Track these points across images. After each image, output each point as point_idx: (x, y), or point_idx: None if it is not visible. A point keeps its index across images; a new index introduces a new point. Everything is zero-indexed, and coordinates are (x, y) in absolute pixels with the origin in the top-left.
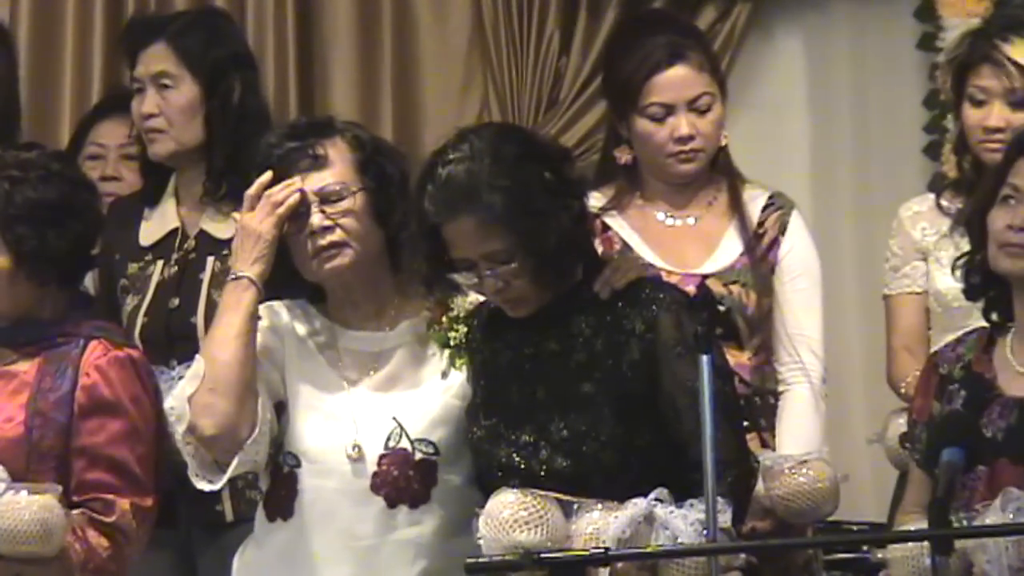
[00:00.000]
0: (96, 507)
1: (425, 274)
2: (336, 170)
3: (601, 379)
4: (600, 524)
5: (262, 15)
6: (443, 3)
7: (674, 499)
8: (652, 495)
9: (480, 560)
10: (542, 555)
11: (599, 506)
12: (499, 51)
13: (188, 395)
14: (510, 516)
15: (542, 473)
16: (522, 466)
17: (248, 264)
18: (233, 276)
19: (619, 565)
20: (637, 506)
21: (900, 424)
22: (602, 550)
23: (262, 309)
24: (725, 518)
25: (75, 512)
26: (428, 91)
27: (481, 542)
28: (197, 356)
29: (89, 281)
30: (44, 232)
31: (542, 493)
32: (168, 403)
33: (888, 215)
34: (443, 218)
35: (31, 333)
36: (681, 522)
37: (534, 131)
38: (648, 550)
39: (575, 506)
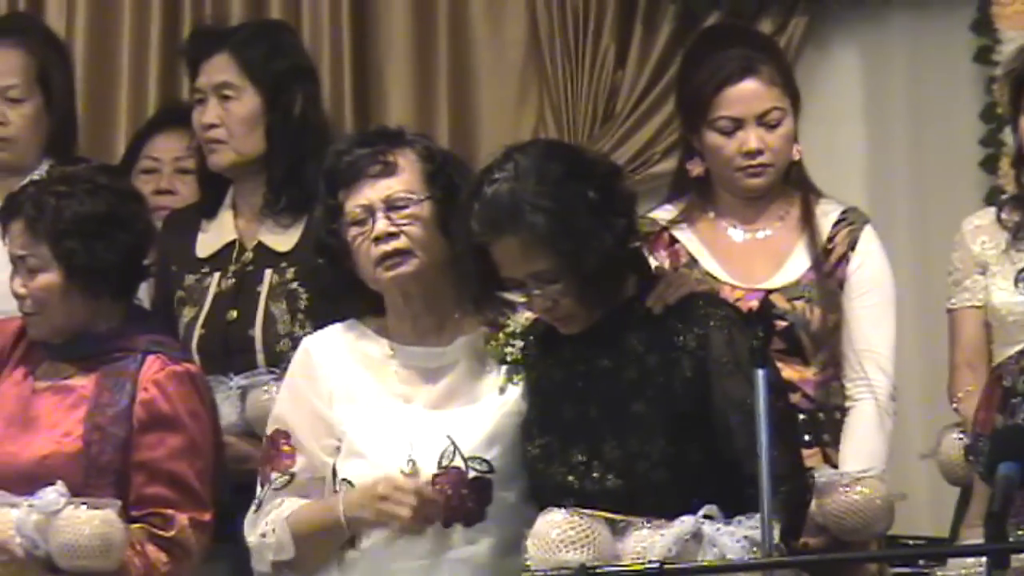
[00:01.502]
0: (155, 522)
1: (474, 293)
2: (404, 178)
3: (653, 397)
4: (647, 542)
5: (318, 28)
6: (499, 17)
7: (726, 516)
8: (701, 512)
9: (536, 573)
10: (597, 570)
11: (647, 524)
12: (555, 65)
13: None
14: (558, 536)
15: (595, 492)
16: (575, 486)
17: (359, 509)
18: (343, 513)
19: None
20: (684, 524)
21: (953, 439)
22: (656, 564)
23: (300, 354)
24: (774, 534)
25: (134, 527)
26: (484, 105)
27: (529, 562)
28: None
29: (143, 293)
30: (94, 245)
31: (590, 512)
32: (256, 535)
33: (944, 228)
34: (488, 238)
35: (87, 347)
36: (728, 539)
37: (582, 148)
38: (704, 564)
39: (623, 525)
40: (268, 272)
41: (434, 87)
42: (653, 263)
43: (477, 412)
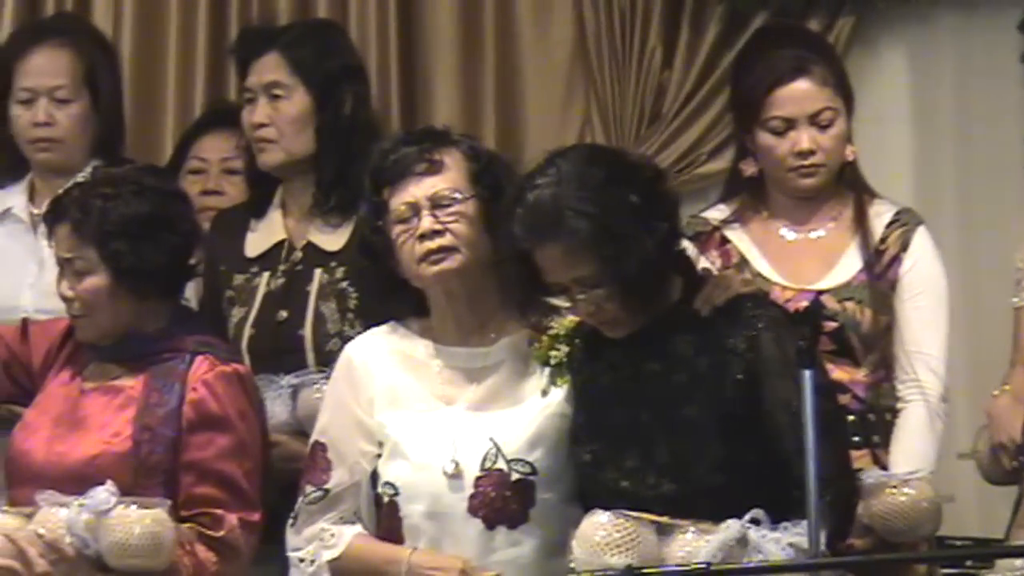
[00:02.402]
0: (204, 522)
1: (519, 297)
2: (450, 176)
3: (704, 400)
4: (692, 547)
5: (365, 29)
6: (545, 18)
7: (778, 517)
8: (747, 516)
9: (583, 574)
10: (644, 571)
11: (692, 528)
12: (601, 65)
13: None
14: (602, 538)
15: (650, 498)
16: (630, 490)
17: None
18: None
19: None
20: (730, 529)
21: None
22: (704, 564)
23: (342, 361)
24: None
25: (184, 526)
26: (530, 106)
27: (573, 564)
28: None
29: (190, 292)
30: (141, 247)
31: (635, 515)
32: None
33: (991, 228)
34: (531, 243)
35: (136, 348)
36: (773, 545)
37: (624, 152)
38: (750, 565)
39: (669, 528)
40: (318, 272)
41: (481, 88)
42: (703, 264)
43: (520, 414)
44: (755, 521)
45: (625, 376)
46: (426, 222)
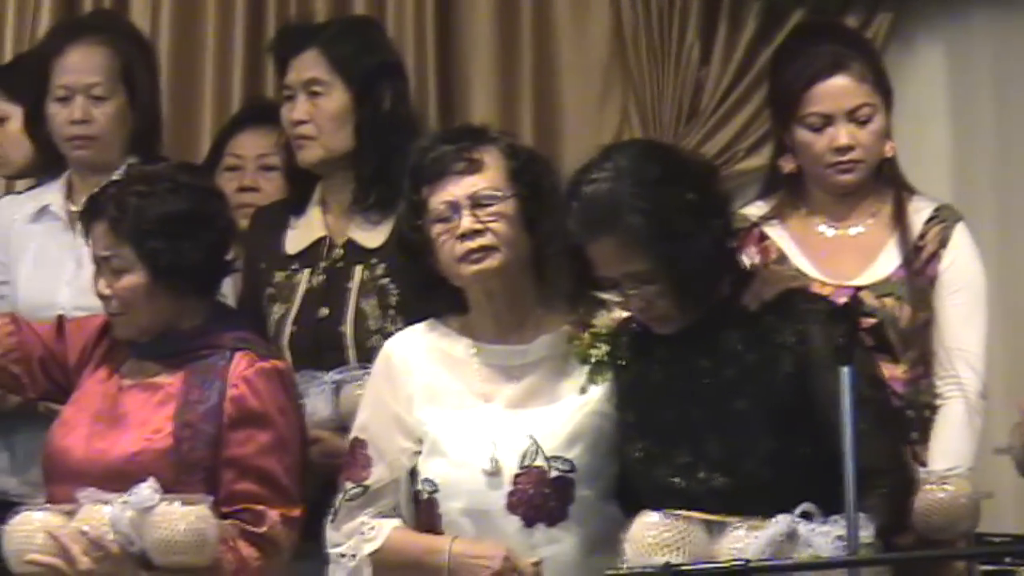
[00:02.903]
0: (246, 518)
1: (570, 291)
2: (490, 175)
3: (754, 394)
4: (742, 544)
5: (402, 26)
6: (583, 14)
7: (830, 511)
8: (798, 510)
9: (620, 572)
10: (681, 567)
11: (744, 525)
12: (639, 62)
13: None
14: (653, 539)
15: (702, 493)
16: (681, 487)
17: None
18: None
19: None
20: (778, 524)
21: None
22: (742, 561)
23: (381, 359)
24: (866, 533)
25: (226, 522)
26: (568, 102)
27: (624, 566)
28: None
29: (227, 290)
30: (178, 244)
31: (686, 514)
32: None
33: None
34: (585, 238)
35: (174, 345)
36: (823, 539)
37: (679, 149)
38: (787, 562)
39: (719, 526)
40: (358, 268)
41: (518, 84)
42: (745, 260)
43: (558, 411)
44: (807, 515)
45: (675, 373)
46: (466, 221)
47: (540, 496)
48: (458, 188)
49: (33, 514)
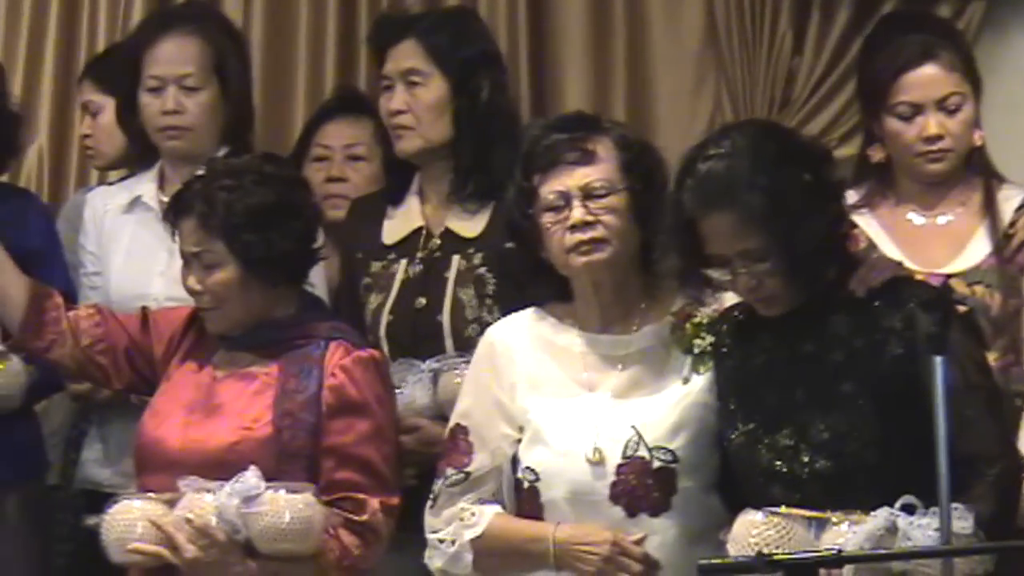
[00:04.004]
0: (347, 506)
1: (679, 269)
2: (602, 167)
3: (861, 378)
4: (844, 539)
5: (494, 16)
6: (676, 4)
7: (933, 497)
8: (898, 504)
9: (713, 561)
10: (775, 556)
11: (845, 520)
12: (731, 51)
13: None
14: (756, 538)
15: (804, 476)
16: (784, 470)
17: (574, 560)
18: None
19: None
20: (877, 519)
21: None
22: (835, 550)
23: (483, 345)
24: (965, 525)
25: (329, 510)
26: (660, 92)
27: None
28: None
29: (316, 278)
30: (269, 236)
31: (784, 511)
32: (432, 534)
33: None
34: (700, 213)
35: (268, 335)
36: (920, 532)
37: (796, 131)
38: (881, 552)
39: (821, 522)
40: (456, 258)
41: (611, 74)
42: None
43: (661, 402)
44: (910, 506)
45: (779, 357)
46: (577, 213)
47: (643, 487)
48: (570, 179)
49: (133, 503)
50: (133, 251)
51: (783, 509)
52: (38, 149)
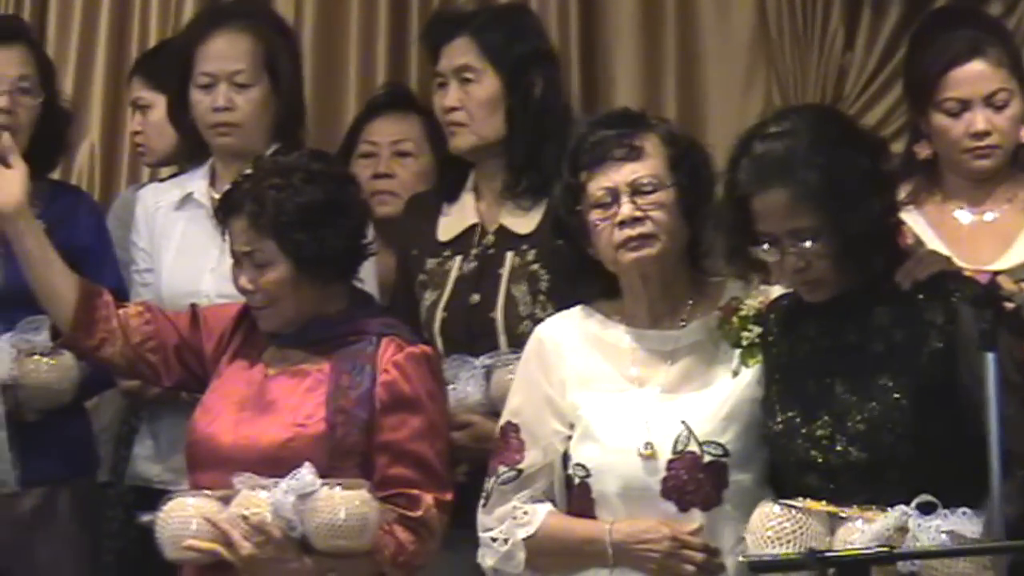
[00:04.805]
0: (401, 502)
1: (726, 246)
2: (650, 163)
3: (899, 370)
4: (855, 535)
5: (545, 13)
6: (727, 0)
7: (968, 493)
8: (914, 503)
9: (764, 558)
10: (825, 554)
11: (859, 517)
12: (783, 47)
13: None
14: (771, 531)
15: (839, 466)
16: (819, 460)
17: (633, 560)
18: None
19: None
20: (888, 517)
21: None
22: (886, 549)
23: (533, 343)
24: (974, 529)
25: (384, 507)
26: (711, 88)
27: (741, 558)
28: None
29: (365, 274)
30: (320, 233)
31: (799, 505)
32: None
33: None
34: (755, 188)
35: (320, 332)
36: (925, 534)
37: (854, 118)
38: (931, 549)
39: (837, 518)
40: (509, 255)
41: (662, 70)
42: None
43: (711, 396)
44: (929, 505)
45: (821, 347)
46: (626, 209)
47: (694, 481)
48: (618, 175)
49: (188, 499)
50: (184, 248)
51: (800, 502)
52: (90, 146)
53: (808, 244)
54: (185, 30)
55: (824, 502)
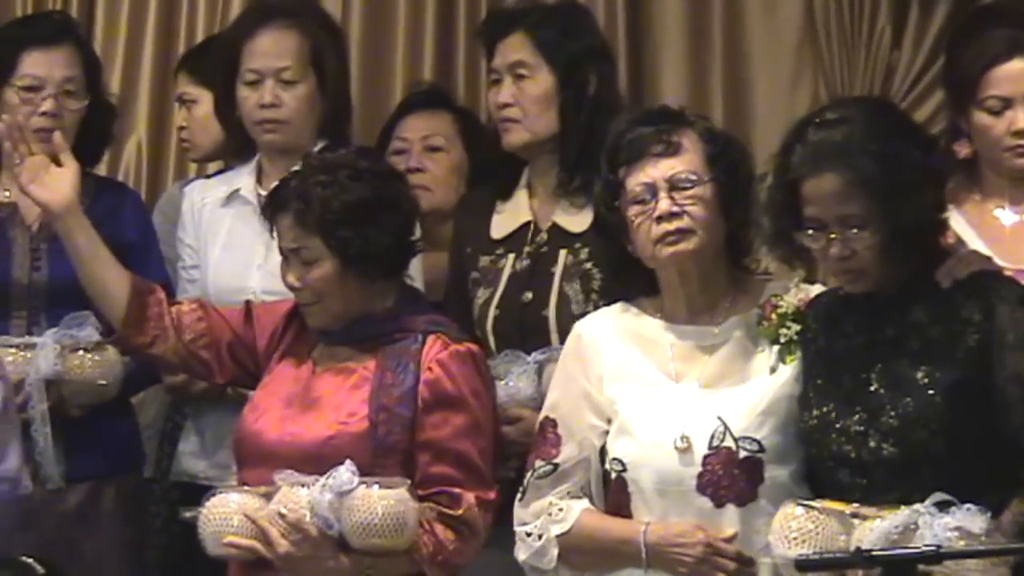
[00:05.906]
0: (442, 501)
1: (771, 230)
2: (687, 159)
3: (935, 367)
4: (867, 535)
5: (592, 10)
6: None
7: (1001, 491)
8: (928, 500)
9: (812, 558)
10: (873, 553)
11: (879, 518)
12: (830, 46)
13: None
14: (790, 531)
15: (872, 462)
16: (852, 455)
17: (666, 564)
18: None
19: None
20: (897, 516)
21: None
22: (933, 547)
23: (571, 339)
24: (980, 525)
25: (423, 505)
26: (758, 86)
27: (764, 559)
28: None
29: (414, 271)
30: (366, 231)
31: (818, 506)
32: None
33: None
34: (808, 172)
35: (366, 329)
36: (930, 531)
37: (908, 113)
38: (979, 548)
39: (855, 517)
40: (562, 253)
41: (709, 68)
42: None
43: (747, 391)
44: (947, 503)
45: (858, 343)
46: (664, 204)
47: (729, 477)
48: (656, 170)
49: (230, 496)
50: (231, 244)
51: (819, 503)
52: (136, 142)
53: (855, 232)
54: (232, 26)
55: (851, 501)
